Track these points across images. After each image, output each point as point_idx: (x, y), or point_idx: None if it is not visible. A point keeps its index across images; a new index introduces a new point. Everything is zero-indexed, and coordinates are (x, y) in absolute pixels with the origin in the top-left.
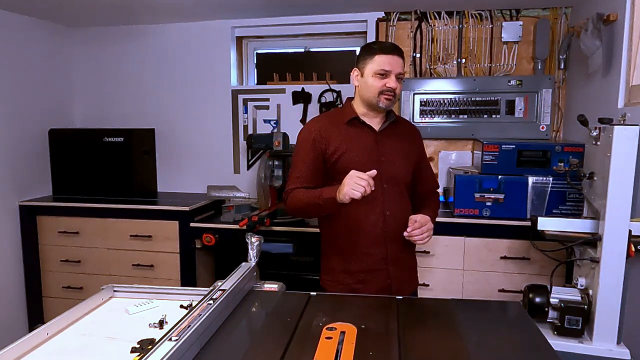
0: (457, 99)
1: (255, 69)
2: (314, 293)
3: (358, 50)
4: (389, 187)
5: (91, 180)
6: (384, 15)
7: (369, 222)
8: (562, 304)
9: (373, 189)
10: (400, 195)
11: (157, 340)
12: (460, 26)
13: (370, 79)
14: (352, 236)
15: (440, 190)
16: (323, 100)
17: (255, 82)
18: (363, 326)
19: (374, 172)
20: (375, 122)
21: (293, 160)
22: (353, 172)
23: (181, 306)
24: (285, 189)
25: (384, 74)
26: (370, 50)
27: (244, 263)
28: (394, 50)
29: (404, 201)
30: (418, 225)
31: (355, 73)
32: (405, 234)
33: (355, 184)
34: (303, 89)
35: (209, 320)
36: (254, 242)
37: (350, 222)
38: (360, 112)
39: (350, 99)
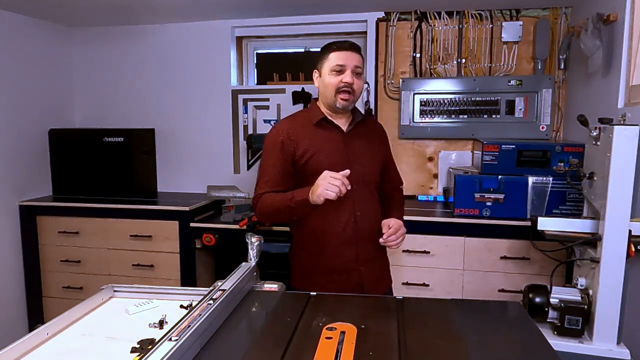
0: (457, 99)
1: (255, 69)
2: (314, 293)
3: None
4: (359, 188)
5: (91, 180)
6: (384, 15)
7: (340, 224)
8: (562, 304)
9: (349, 188)
10: (370, 196)
11: (157, 340)
12: (460, 26)
13: (327, 77)
14: (324, 237)
15: (440, 190)
16: None
17: (255, 82)
18: (363, 326)
19: (347, 171)
20: (341, 123)
21: (261, 165)
22: (326, 173)
23: (181, 306)
24: (254, 194)
25: (339, 70)
26: (326, 49)
27: (244, 263)
28: (350, 47)
29: (374, 201)
30: (393, 231)
31: (315, 75)
32: (381, 240)
33: (330, 184)
34: (303, 89)
35: (209, 320)
36: (254, 242)
37: (322, 224)
38: (326, 113)
39: (316, 100)
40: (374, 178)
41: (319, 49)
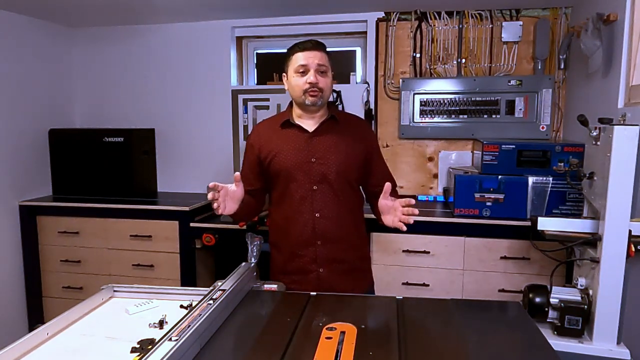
0: (457, 99)
1: (255, 69)
2: (314, 293)
3: (358, 50)
4: (320, 188)
5: (91, 180)
6: (384, 15)
7: (299, 224)
8: (562, 304)
9: (217, 198)
10: (334, 196)
11: (157, 340)
12: (460, 26)
13: (293, 79)
14: (285, 237)
15: (440, 190)
16: None
17: (255, 82)
18: (363, 326)
19: (236, 174)
20: (311, 123)
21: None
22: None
23: (181, 306)
24: None
25: (303, 71)
26: (290, 51)
27: (244, 263)
28: (312, 46)
29: (339, 202)
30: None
31: (284, 78)
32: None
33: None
34: None
35: (209, 320)
36: (254, 242)
37: (284, 223)
38: (297, 114)
39: (292, 102)
40: (343, 177)
41: None
